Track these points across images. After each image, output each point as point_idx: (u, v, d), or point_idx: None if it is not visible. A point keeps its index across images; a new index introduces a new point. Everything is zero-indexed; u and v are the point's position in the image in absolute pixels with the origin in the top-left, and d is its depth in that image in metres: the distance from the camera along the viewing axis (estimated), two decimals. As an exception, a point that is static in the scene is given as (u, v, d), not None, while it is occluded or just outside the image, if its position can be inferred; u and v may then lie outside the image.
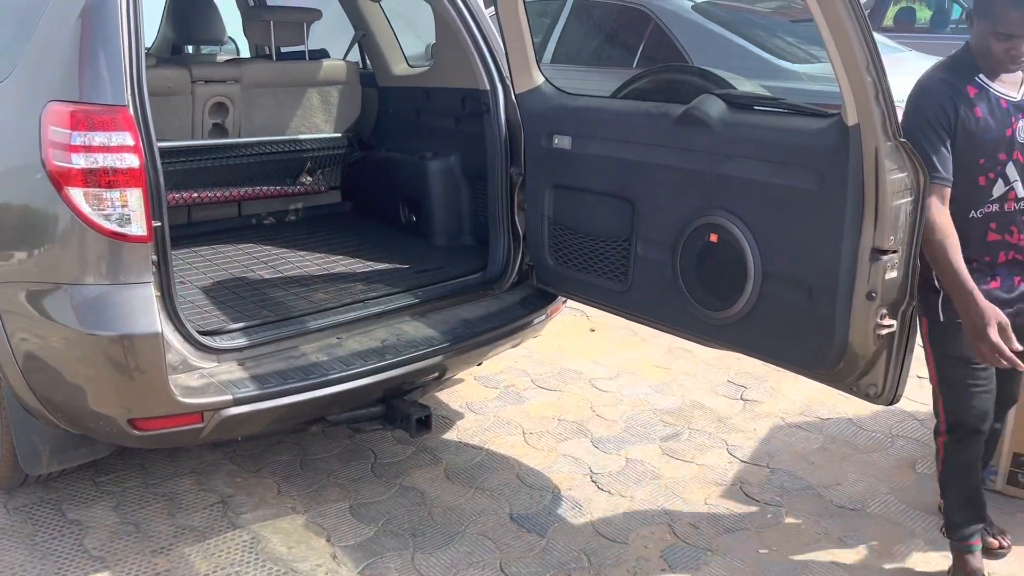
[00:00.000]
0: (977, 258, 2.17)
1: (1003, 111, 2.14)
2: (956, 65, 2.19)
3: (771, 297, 2.24)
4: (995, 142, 2.13)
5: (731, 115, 2.31)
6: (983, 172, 2.15)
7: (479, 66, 3.05)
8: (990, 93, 2.14)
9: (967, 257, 2.09)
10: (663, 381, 3.73)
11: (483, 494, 2.89)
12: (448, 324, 2.75)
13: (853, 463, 3.04)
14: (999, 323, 2.01)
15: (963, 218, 2.14)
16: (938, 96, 2.12)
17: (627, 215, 2.58)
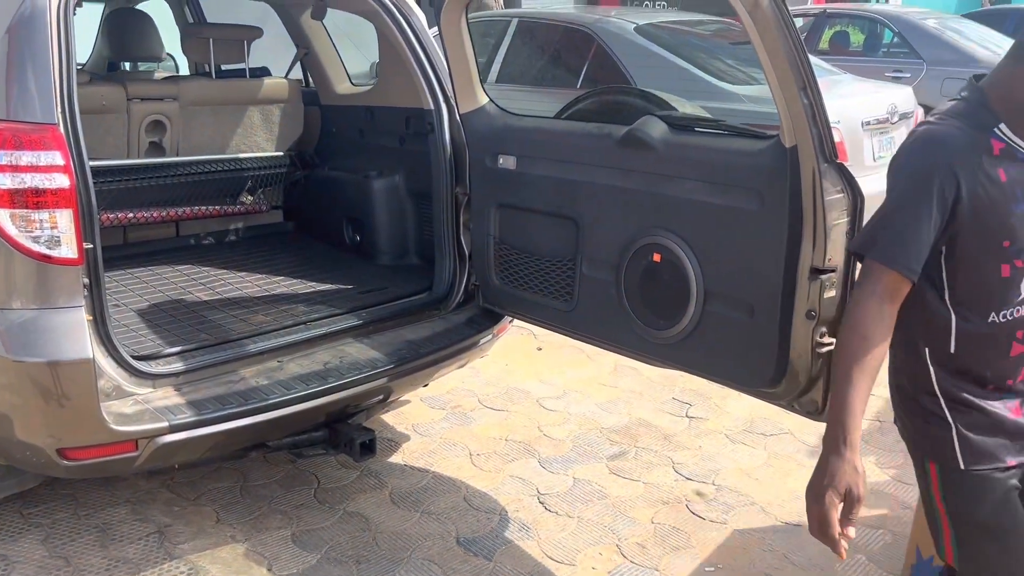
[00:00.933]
0: (996, 381, 1.60)
1: None
2: (970, 109, 1.56)
3: (713, 316, 2.26)
4: (1021, 218, 1.53)
5: (673, 136, 2.33)
6: (1007, 259, 1.54)
7: (423, 85, 3.04)
8: (1017, 151, 1.54)
9: (980, 378, 1.60)
10: (609, 399, 3.73)
11: (429, 518, 2.85)
12: (393, 345, 2.72)
13: (796, 479, 3.08)
14: (851, 494, 1.51)
15: (981, 323, 1.58)
16: (953, 151, 1.51)
17: (572, 235, 2.59)
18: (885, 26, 8.73)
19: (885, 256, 1.51)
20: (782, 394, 2.20)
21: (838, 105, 4.73)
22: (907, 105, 5.16)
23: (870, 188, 4.87)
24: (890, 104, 4.96)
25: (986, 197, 1.50)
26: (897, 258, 1.50)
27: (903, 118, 5.05)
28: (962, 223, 1.51)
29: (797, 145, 1.97)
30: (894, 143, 4.97)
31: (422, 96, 3.06)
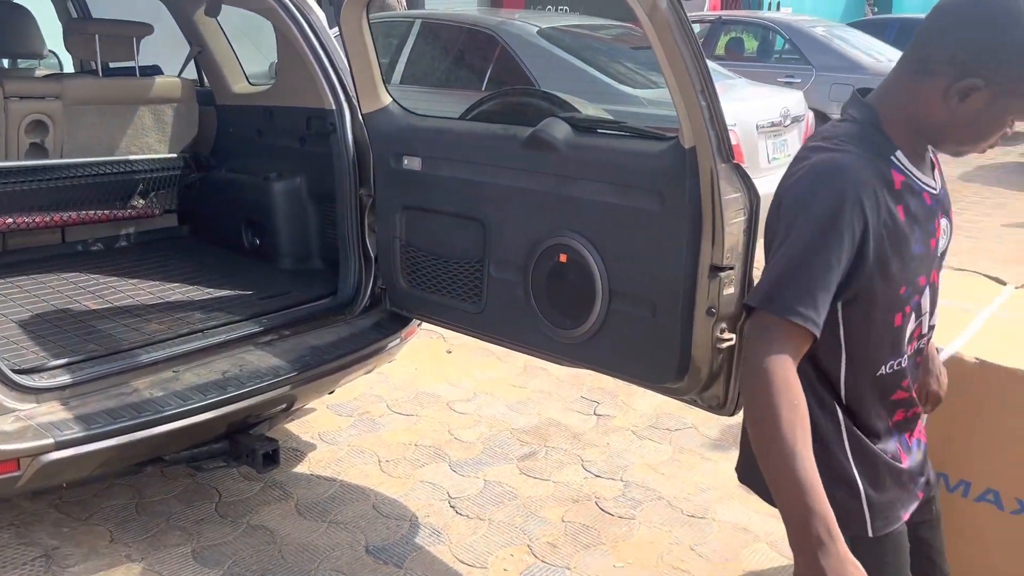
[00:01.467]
0: (875, 427, 1.46)
1: (928, 210, 1.38)
2: (865, 134, 1.36)
3: (618, 315, 2.29)
4: (920, 259, 1.37)
5: (576, 138, 2.35)
6: (902, 306, 1.39)
7: (324, 85, 2.97)
8: (915, 183, 1.37)
9: (873, 429, 1.45)
10: (519, 400, 3.74)
11: (337, 528, 2.78)
12: (296, 352, 2.64)
13: (701, 472, 3.16)
14: None
15: (868, 378, 1.42)
16: (860, 185, 1.28)
17: (479, 236, 2.57)
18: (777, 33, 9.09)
19: (792, 312, 1.26)
20: (685, 389, 2.24)
21: (734, 108, 4.88)
22: (798, 109, 5.37)
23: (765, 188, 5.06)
24: (783, 108, 5.15)
25: (889, 238, 1.31)
26: (807, 313, 1.26)
27: (795, 121, 5.26)
28: (865, 267, 1.30)
29: (696, 146, 2.01)
30: (787, 145, 5.18)
31: (323, 96, 2.99)
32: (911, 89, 1.34)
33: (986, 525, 1.97)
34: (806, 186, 1.31)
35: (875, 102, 1.39)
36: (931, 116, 1.33)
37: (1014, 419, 1.93)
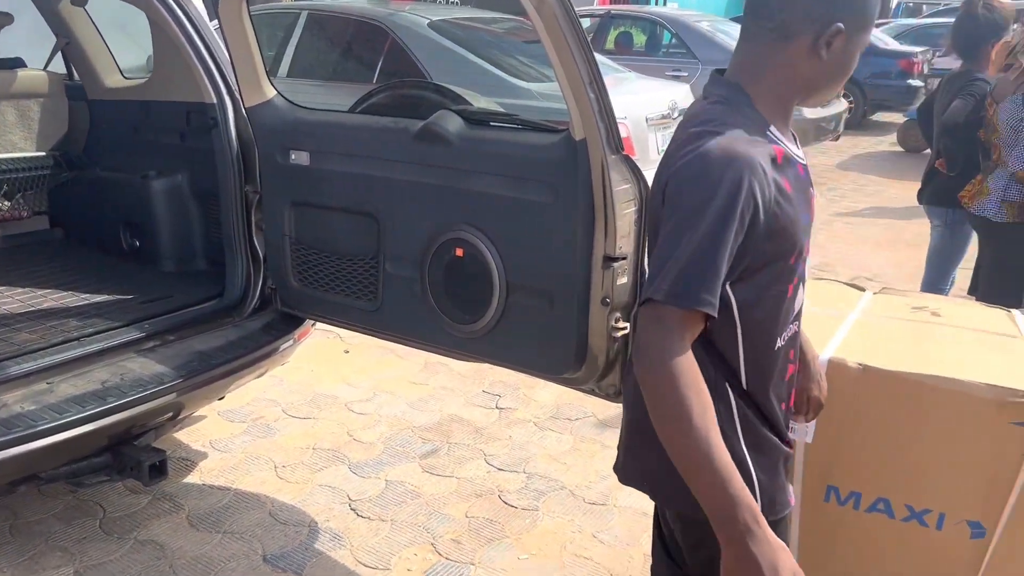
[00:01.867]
0: (772, 411, 1.44)
1: (803, 180, 1.40)
2: (742, 113, 1.34)
3: (516, 307, 2.28)
4: (806, 228, 1.40)
5: (468, 131, 2.33)
6: (792, 276, 1.40)
7: (203, 78, 2.84)
8: (791, 155, 1.38)
9: (769, 410, 1.43)
10: (420, 397, 3.70)
11: (232, 538, 2.68)
12: (181, 358, 2.52)
13: (601, 460, 3.20)
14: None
15: (766, 353, 1.41)
16: (750, 166, 1.26)
17: (372, 232, 2.52)
18: (664, 28, 9.31)
19: (701, 302, 1.22)
20: (583, 379, 2.26)
21: (624, 102, 4.97)
22: (686, 102, 5.51)
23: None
24: (671, 101, 5.28)
25: (780, 212, 1.30)
26: (712, 300, 1.23)
27: (682, 114, 5.39)
28: (758, 244, 1.29)
29: (586, 138, 2.02)
30: (676, 137, 5.30)
31: (203, 89, 2.86)
32: (775, 56, 1.34)
33: (880, 536, 1.97)
34: (699, 171, 1.26)
35: (738, 80, 1.37)
36: (801, 74, 1.35)
37: (898, 423, 1.93)
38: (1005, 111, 3.12)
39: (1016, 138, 3.06)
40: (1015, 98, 3.07)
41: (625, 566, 2.60)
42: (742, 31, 1.39)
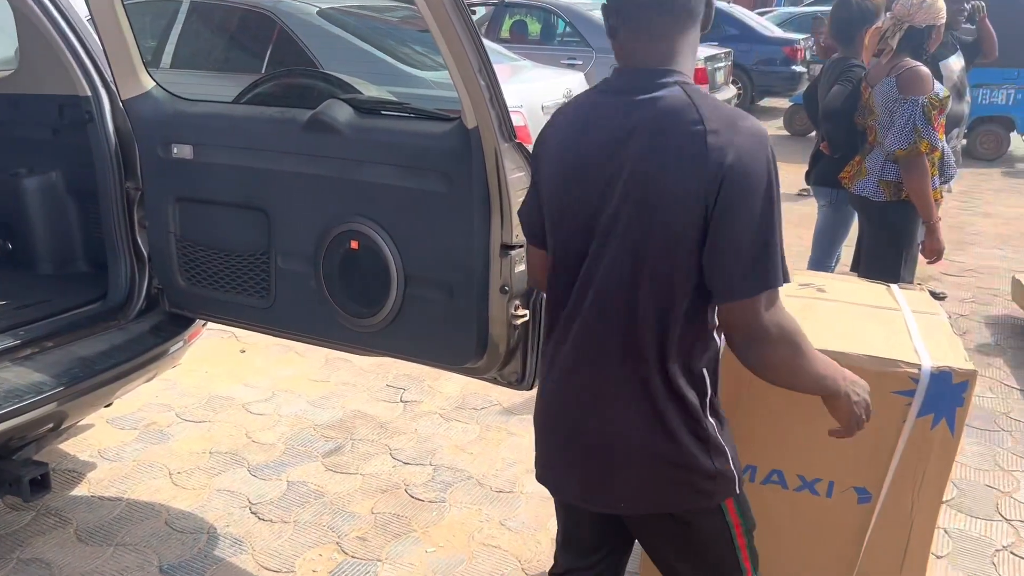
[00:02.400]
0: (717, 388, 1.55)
1: None
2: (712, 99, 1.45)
3: (416, 299, 2.26)
4: None
5: (359, 120, 2.28)
6: None
7: (75, 69, 2.68)
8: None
9: (717, 394, 1.54)
10: (322, 395, 3.62)
11: (126, 550, 2.56)
12: (61, 365, 2.38)
13: (507, 447, 3.21)
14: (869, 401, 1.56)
15: (715, 329, 1.56)
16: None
17: (262, 226, 2.44)
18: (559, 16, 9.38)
19: (787, 276, 1.38)
20: (485, 368, 2.26)
21: (520, 90, 4.99)
22: (580, 89, 5.56)
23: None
24: (566, 88, 5.32)
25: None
26: (788, 272, 1.39)
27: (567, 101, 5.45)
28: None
29: (478, 126, 2.01)
30: (572, 125, 5.35)
31: (76, 81, 2.70)
32: (687, 37, 1.41)
33: (775, 506, 2.04)
34: (756, 153, 1.32)
35: (670, 67, 1.40)
36: (696, 47, 1.47)
37: (787, 396, 1.97)
38: (879, 94, 3.27)
39: (891, 119, 3.21)
40: (888, 80, 3.23)
41: (533, 551, 2.62)
42: (644, 28, 1.40)
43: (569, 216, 1.46)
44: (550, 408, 1.57)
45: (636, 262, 1.38)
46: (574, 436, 1.52)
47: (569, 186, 1.45)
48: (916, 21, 3.20)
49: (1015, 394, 3.71)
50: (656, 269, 1.37)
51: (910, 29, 3.21)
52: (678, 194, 1.32)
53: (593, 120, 1.43)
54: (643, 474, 1.46)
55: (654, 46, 1.40)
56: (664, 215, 1.34)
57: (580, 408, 1.50)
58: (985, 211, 7.06)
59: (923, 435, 1.92)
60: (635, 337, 1.41)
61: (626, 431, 1.46)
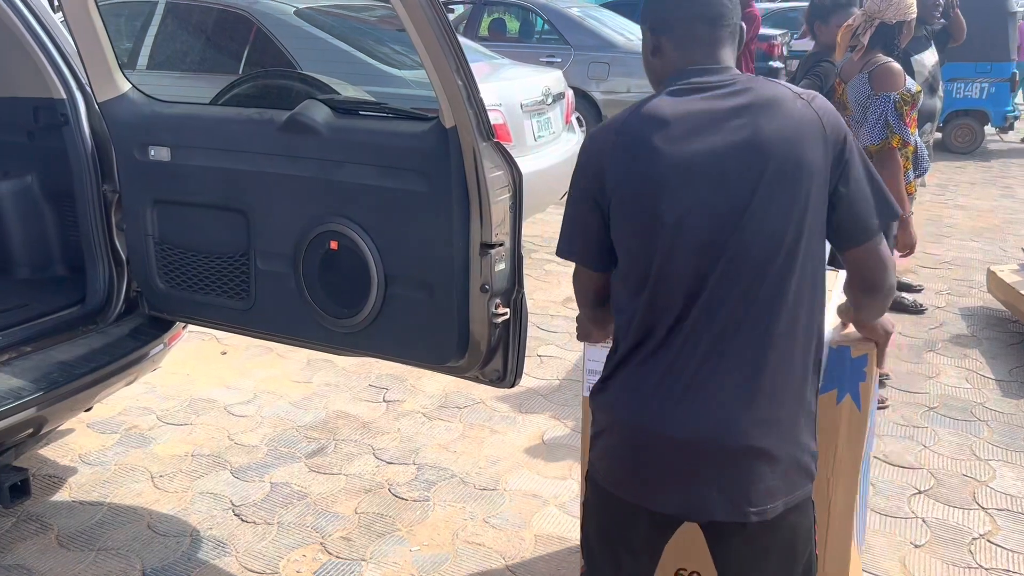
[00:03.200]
0: None
1: None
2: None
3: (396, 299, 2.26)
4: None
5: (337, 120, 2.28)
6: None
7: (50, 72, 2.67)
8: None
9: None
10: (304, 396, 3.62)
11: (107, 555, 2.55)
12: (39, 370, 2.37)
13: (491, 446, 3.22)
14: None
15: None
16: None
17: (241, 228, 2.44)
18: (537, 14, 9.38)
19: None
20: (467, 367, 2.27)
21: (499, 88, 4.99)
22: (558, 87, 5.58)
23: (534, 166, 5.19)
24: (544, 87, 5.33)
25: None
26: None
27: (556, 99, 5.46)
28: None
29: (456, 125, 2.02)
30: (551, 123, 5.37)
31: (50, 84, 2.69)
32: (734, 47, 1.53)
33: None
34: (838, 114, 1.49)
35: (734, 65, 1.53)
36: None
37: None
38: (853, 89, 3.31)
39: (864, 115, 3.25)
40: (861, 76, 3.27)
41: (517, 548, 2.63)
42: (703, 41, 1.49)
43: (693, 219, 1.39)
44: (670, 424, 1.43)
45: (782, 246, 1.39)
46: (712, 448, 1.41)
47: (692, 190, 1.39)
48: (887, 17, 3.24)
49: (991, 384, 3.76)
50: (808, 247, 1.41)
51: (881, 25, 3.25)
52: (815, 162, 1.39)
53: (692, 121, 1.42)
54: (780, 469, 1.43)
55: (713, 53, 1.49)
56: (807, 185, 1.39)
57: (725, 417, 1.41)
58: (960, 203, 7.14)
59: (830, 411, 1.91)
60: (792, 327, 1.41)
61: (779, 429, 1.42)
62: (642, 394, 1.46)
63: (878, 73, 3.20)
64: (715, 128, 1.40)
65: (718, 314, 1.40)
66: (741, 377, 1.41)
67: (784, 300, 1.40)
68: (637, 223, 1.43)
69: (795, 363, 1.43)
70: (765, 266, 1.39)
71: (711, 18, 1.47)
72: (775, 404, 1.42)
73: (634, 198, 1.43)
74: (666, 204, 1.40)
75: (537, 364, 3.91)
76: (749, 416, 1.41)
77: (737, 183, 1.38)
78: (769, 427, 1.41)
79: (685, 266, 1.41)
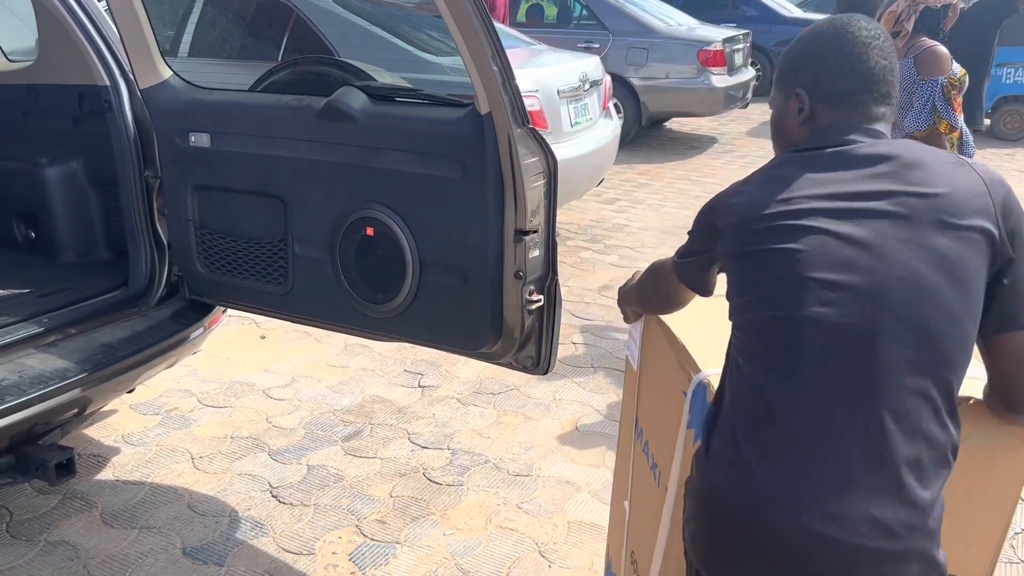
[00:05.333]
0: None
1: None
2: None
3: (431, 285, 2.27)
4: None
5: (374, 107, 2.29)
6: None
7: (94, 59, 2.71)
8: None
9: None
10: (341, 380, 3.66)
11: (149, 533, 2.61)
12: (84, 352, 2.43)
13: (524, 432, 3.23)
14: None
15: None
16: None
17: (280, 214, 2.47)
18: (575, 0, 9.32)
19: None
20: (501, 353, 2.27)
21: (536, 74, 4.97)
22: (596, 73, 5.54)
23: (570, 153, 5.16)
24: (581, 72, 5.29)
25: None
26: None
27: (593, 85, 5.42)
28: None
29: (491, 112, 2.02)
30: (588, 109, 5.33)
31: (94, 71, 2.73)
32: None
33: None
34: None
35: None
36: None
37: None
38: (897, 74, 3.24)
39: (909, 100, 3.18)
40: (905, 61, 3.19)
41: (549, 534, 2.64)
42: (863, 114, 1.38)
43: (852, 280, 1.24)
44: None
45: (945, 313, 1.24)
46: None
47: (854, 249, 1.25)
48: (931, 2, 3.16)
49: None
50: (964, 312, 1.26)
51: (925, 10, 3.17)
52: (972, 223, 1.26)
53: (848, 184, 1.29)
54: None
55: (869, 127, 1.37)
56: (954, 247, 1.25)
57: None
58: (1008, 192, 6.97)
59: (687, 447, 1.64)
60: (948, 403, 1.26)
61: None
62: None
63: (924, 57, 3.13)
64: (880, 198, 1.35)
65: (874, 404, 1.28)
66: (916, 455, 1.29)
67: (944, 373, 1.28)
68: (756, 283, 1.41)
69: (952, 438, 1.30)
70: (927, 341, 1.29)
71: (885, 94, 1.41)
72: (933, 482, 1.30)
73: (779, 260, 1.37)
74: (815, 271, 1.34)
75: (571, 351, 3.91)
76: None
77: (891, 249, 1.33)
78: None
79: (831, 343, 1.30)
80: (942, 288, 1.23)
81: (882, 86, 1.38)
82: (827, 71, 1.37)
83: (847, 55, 1.37)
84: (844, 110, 1.37)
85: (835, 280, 1.24)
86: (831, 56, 1.38)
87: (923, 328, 1.22)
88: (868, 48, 1.36)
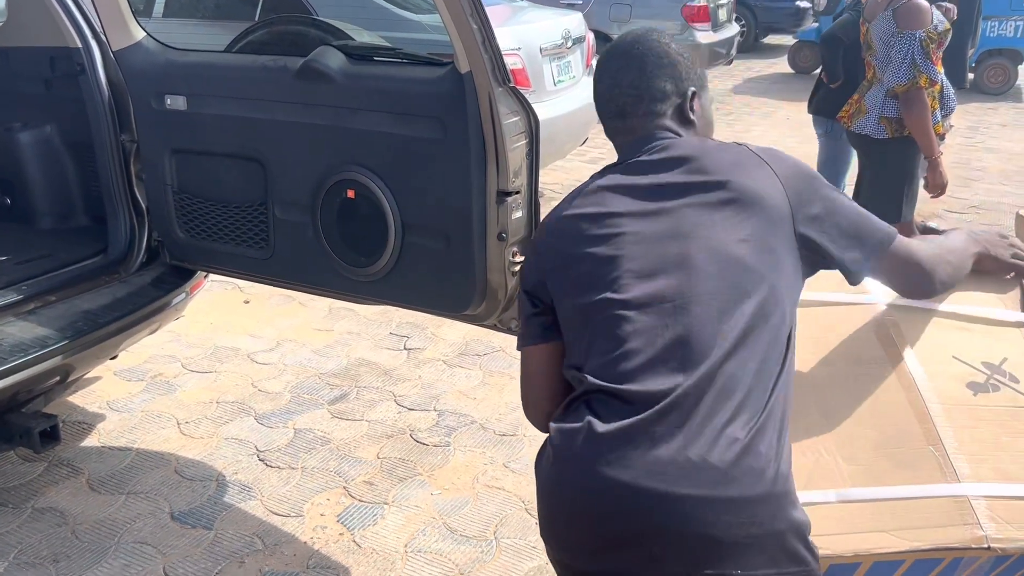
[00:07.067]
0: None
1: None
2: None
3: (414, 248, 2.26)
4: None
5: (352, 67, 2.25)
6: None
7: (64, 20, 2.65)
8: None
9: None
10: (326, 344, 3.66)
11: (136, 498, 2.62)
12: (65, 319, 2.41)
13: (509, 392, 3.25)
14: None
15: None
16: None
17: (259, 177, 2.44)
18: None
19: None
20: (485, 315, 2.27)
21: (518, 32, 4.91)
22: (579, 31, 5.47)
23: (553, 112, 5.10)
24: (564, 30, 5.23)
25: None
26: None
27: (576, 43, 5.36)
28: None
29: (471, 71, 1.99)
30: (571, 67, 5.28)
31: (65, 33, 2.67)
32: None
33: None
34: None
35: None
36: None
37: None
38: (877, 28, 3.22)
39: (888, 54, 3.16)
40: (885, 15, 3.17)
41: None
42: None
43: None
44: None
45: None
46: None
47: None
48: None
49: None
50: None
51: None
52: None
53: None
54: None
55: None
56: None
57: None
58: (991, 146, 6.99)
59: None
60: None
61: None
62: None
63: (903, 11, 3.11)
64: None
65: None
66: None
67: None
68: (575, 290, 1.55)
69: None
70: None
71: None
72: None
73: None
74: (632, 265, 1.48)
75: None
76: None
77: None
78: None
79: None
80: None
81: (611, 106, 1.57)
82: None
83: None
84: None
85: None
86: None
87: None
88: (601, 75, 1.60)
